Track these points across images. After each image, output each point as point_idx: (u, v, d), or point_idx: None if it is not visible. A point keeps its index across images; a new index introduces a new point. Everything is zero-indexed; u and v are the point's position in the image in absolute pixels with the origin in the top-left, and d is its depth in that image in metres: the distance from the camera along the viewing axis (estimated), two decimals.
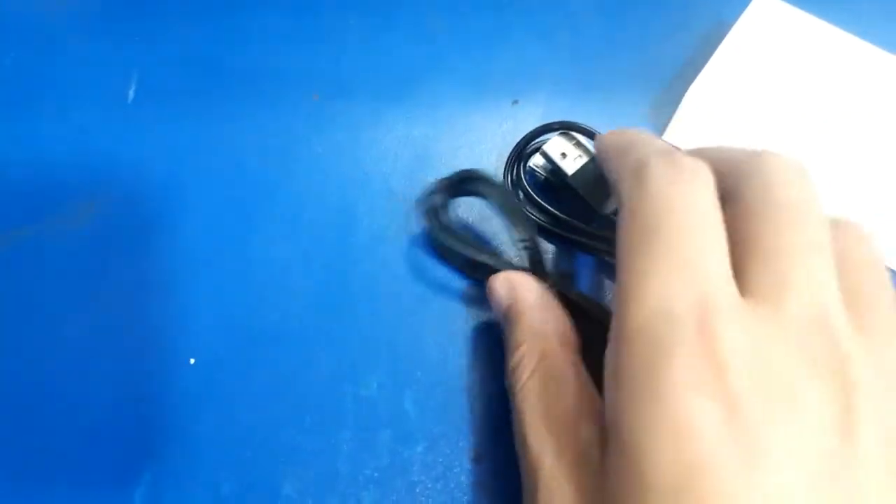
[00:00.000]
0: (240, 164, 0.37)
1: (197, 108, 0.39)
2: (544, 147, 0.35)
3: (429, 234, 0.35)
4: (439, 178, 0.34)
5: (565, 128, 0.35)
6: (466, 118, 0.39)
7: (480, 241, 0.35)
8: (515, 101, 0.39)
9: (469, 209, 0.36)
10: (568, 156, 0.35)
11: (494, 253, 0.34)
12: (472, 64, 0.40)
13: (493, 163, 0.38)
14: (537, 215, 0.35)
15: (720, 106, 0.35)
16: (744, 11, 0.38)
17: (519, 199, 0.35)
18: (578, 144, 0.35)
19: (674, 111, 0.37)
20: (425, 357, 0.32)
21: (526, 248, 0.32)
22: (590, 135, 0.35)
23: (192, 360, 0.32)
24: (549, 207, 0.34)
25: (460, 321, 0.33)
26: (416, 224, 0.36)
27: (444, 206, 0.34)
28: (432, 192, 0.34)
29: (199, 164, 0.37)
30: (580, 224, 0.34)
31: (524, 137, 0.36)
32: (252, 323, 0.33)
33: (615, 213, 0.33)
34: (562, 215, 0.34)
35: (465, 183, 0.34)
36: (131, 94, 0.39)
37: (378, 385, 0.32)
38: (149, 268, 0.34)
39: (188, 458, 0.30)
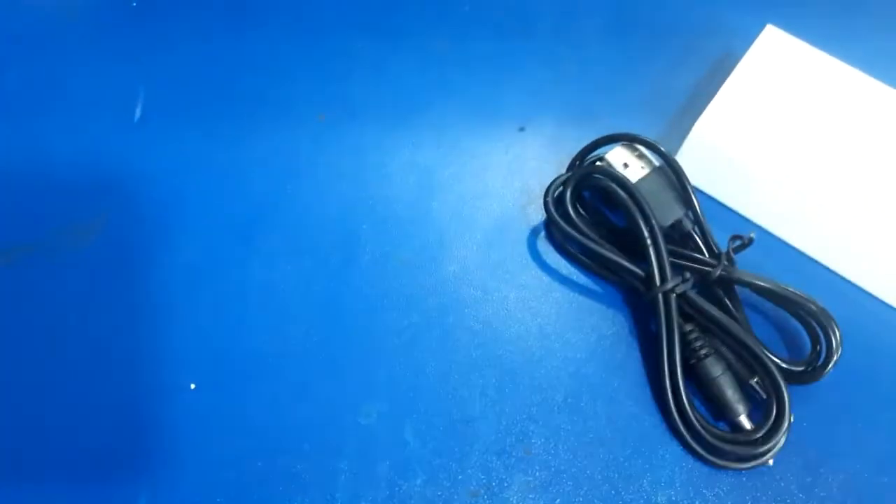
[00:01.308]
0: (243, 185, 0.37)
1: (202, 127, 0.39)
2: (606, 156, 0.36)
3: (551, 226, 0.35)
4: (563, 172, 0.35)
5: (628, 140, 0.36)
6: (472, 144, 0.39)
7: (602, 235, 0.35)
8: (522, 128, 0.39)
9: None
10: (630, 166, 0.35)
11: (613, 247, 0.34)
12: (479, 90, 0.40)
13: (499, 189, 0.38)
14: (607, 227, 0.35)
15: (730, 134, 0.35)
16: (752, 43, 0.38)
17: (579, 211, 0.35)
18: (641, 156, 0.35)
19: (680, 140, 0.37)
20: (426, 386, 0.32)
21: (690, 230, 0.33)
22: (651, 147, 0.35)
23: (193, 386, 0.32)
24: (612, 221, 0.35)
25: (462, 350, 0.33)
26: (421, 250, 0.36)
27: (569, 198, 0.34)
28: (557, 185, 0.35)
29: (202, 184, 0.37)
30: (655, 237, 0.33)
31: (584, 148, 0.36)
32: (252, 347, 0.33)
33: (674, 225, 0.34)
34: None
35: (590, 179, 0.35)
36: (138, 112, 0.39)
37: (378, 414, 0.31)
38: (150, 289, 0.34)
39: (185, 482, 0.30)
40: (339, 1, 0.43)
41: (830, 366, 0.31)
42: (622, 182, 0.34)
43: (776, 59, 0.38)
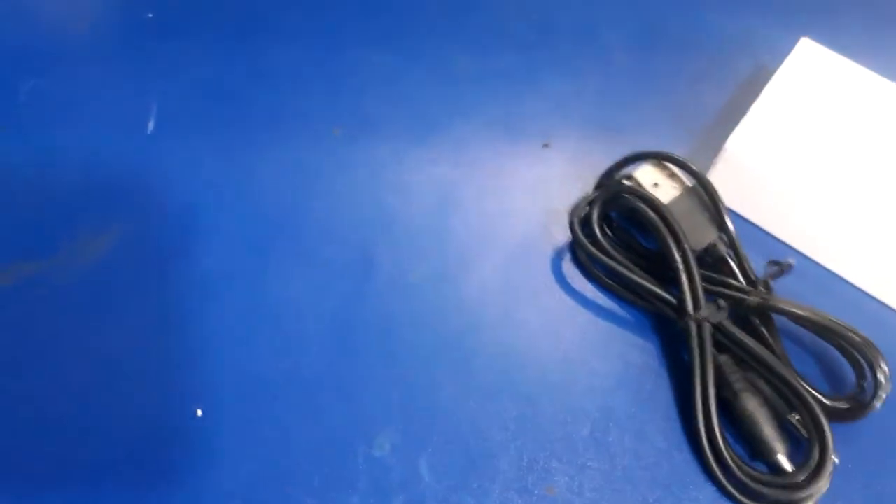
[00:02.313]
0: (257, 200, 0.36)
1: (216, 140, 0.38)
2: (635, 174, 0.34)
3: (577, 247, 0.34)
4: (591, 191, 0.34)
5: (659, 157, 0.34)
6: (494, 160, 0.37)
7: (630, 258, 0.33)
8: (546, 144, 0.38)
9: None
10: (660, 186, 0.34)
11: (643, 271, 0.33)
12: (500, 105, 0.39)
13: (521, 207, 0.36)
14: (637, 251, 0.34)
15: (764, 152, 0.34)
16: (787, 56, 0.36)
17: (606, 232, 0.33)
18: (672, 175, 0.34)
19: (712, 155, 0.35)
20: (443, 414, 0.31)
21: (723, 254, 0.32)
22: (683, 165, 0.33)
23: (199, 412, 0.30)
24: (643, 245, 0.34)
25: (481, 376, 0.32)
26: (439, 270, 0.34)
27: (597, 219, 0.33)
28: (583, 204, 0.33)
29: (216, 198, 0.36)
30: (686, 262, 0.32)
31: (612, 166, 0.35)
32: (261, 371, 0.31)
33: (707, 249, 0.32)
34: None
35: (618, 198, 0.33)
36: (151, 125, 0.38)
37: (392, 446, 0.30)
38: (159, 308, 0.33)
39: None
40: (356, 14, 0.42)
41: (877, 402, 0.29)
42: (653, 202, 0.32)
43: (812, 73, 0.36)
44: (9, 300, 0.33)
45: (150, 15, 0.43)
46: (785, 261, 0.31)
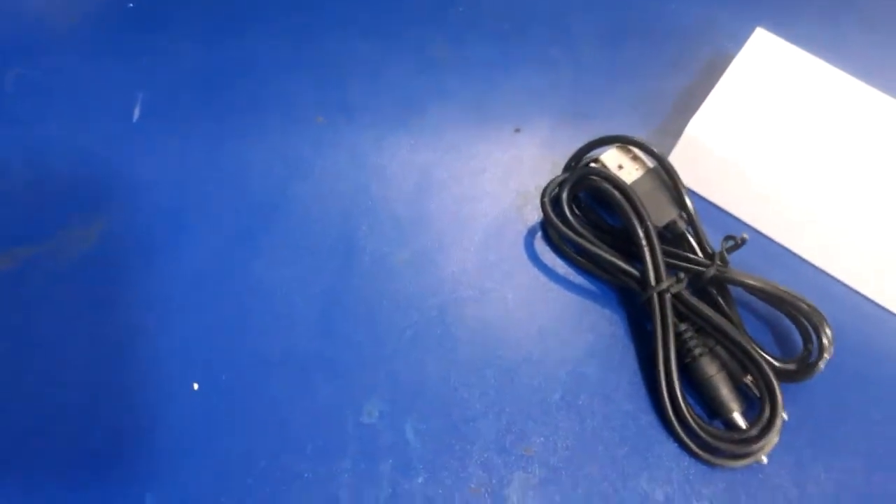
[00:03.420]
0: (243, 187, 0.38)
1: (201, 129, 0.39)
2: (601, 157, 0.36)
3: (548, 226, 0.36)
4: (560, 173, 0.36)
5: (622, 141, 0.36)
6: (469, 145, 0.39)
7: (597, 235, 0.36)
8: (517, 130, 0.40)
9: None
10: (625, 168, 0.36)
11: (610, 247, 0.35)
12: (475, 92, 0.41)
13: (496, 190, 0.38)
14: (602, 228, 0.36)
15: (721, 135, 0.36)
16: (743, 46, 0.39)
17: (574, 212, 0.36)
18: (635, 158, 0.36)
19: (674, 139, 0.37)
20: (427, 385, 0.33)
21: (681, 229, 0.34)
22: (645, 148, 0.36)
23: (196, 386, 0.32)
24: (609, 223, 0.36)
25: (461, 350, 0.34)
26: (419, 251, 0.36)
27: (566, 199, 0.35)
28: (554, 186, 0.35)
29: (201, 186, 0.37)
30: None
31: (579, 150, 0.37)
32: (254, 347, 0.33)
33: (668, 226, 0.35)
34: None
35: (586, 180, 0.35)
36: (136, 113, 0.39)
37: (379, 413, 0.32)
38: (151, 290, 0.34)
39: (190, 483, 0.30)
40: (337, 4, 0.43)
41: (822, 363, 0.31)
42: (618, 183, 0.35)
43: (766, 62, 0.38)
44: (5, 282, 0.34)
45: (131, 4, 0.43)
46: (740, 236, 0.34)
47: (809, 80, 0.38)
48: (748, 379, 0.32)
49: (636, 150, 0.36)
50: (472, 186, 0.38)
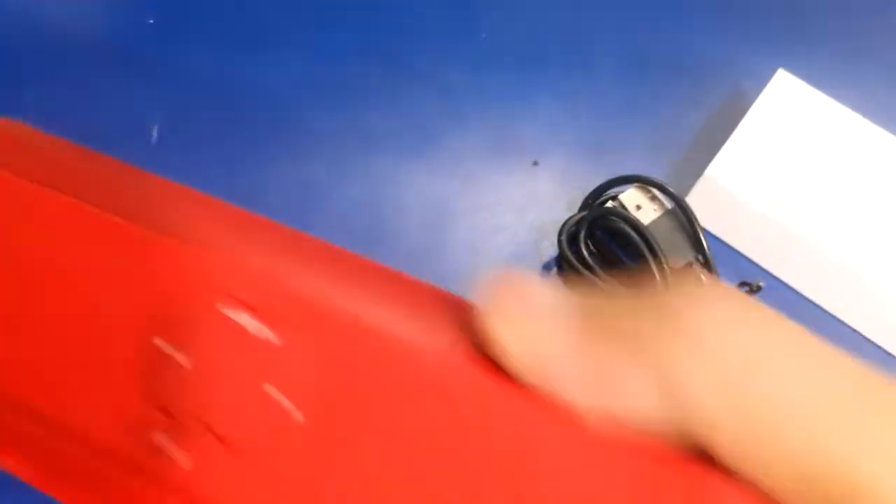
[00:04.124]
0: (259, 212, 0.37)
1: (218, 152, 0.39)
2: (620, 197, 0.36)
3: (564, 264, 0.36)
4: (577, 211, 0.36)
5: (642, 182, 0.36)
6: (487, 177, 0.39)
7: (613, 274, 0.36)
8: (535, 163, 0.40)
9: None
10: (643, 208, 0.36)
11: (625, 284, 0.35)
12: (493, 122, 0.41)
13: (512, 223, 0.38)
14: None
15: (741, 179, 0.36)
16: (765, 85, 0.39)
17: (591, 249, 0.36)
18: (654, 198, 0.36)
19: (692, 178, 0.37)
20: None
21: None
22: (664, 190, 0.36)
23: None
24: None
25: None
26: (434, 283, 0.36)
27: (583, 238, 0.35)
28: (571, 224, 0.36)
29: None
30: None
31: (598, 187, 0.37)
32: None
33: (684, 268, 0.35)
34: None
35: (604, 219, 0.36)
36: (154, 135, 0.39)
37: None
38: None
39: None
40: (356, 28, 0.43)
41: None
42: (635, 225, 0.35)
43: (787, 105, 0.38)
44: None
45: (151, 21, 0.43)
46: (755, 282, 0.34)
47: (830, 125, 0.38)
48: None
49: (654, 191, 0.36)
50: (489, 218, 0.38)
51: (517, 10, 0.43)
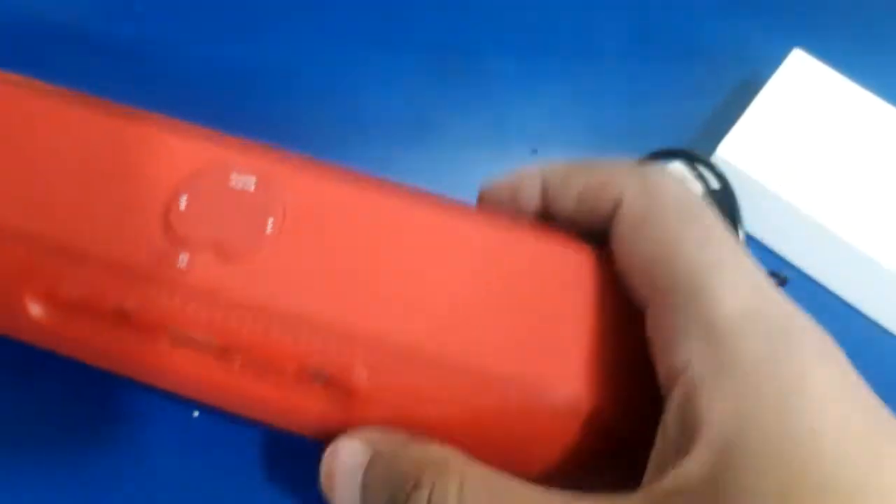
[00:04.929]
0: None
1: None
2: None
3: None
4: None
5: (687, 156, 0.35)
6: (484, 165, 0.37)
7: None
8: (534, 150, 0.38)
9: None
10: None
11: None
12: (492, 109, 0.39)
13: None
14: None
15: (752, 157, 0.34)
16: (779, 66, 0.37)
17: None
18: (700, 176, 0.34)
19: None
20: None
21: None
22: (709, 166, 0.34)
23: (196, 413, 0.31)
24: None
25: None
26: None
27: None
28: None
29: None
30: None
31: (641, 160, 0.35)
32: None
33: None
34: None
35: None
36: None
37: None
38: None
39: None
40: (351, 11, 0.42)
41: None
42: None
43: (802, 85, 0.36)
44: None
45: (138, 8, 0.42)
46: (781, 274, 0.32)
47: (846, 105, 0.36)
48: None
49: (700, 167, 0.34)
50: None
51: None
